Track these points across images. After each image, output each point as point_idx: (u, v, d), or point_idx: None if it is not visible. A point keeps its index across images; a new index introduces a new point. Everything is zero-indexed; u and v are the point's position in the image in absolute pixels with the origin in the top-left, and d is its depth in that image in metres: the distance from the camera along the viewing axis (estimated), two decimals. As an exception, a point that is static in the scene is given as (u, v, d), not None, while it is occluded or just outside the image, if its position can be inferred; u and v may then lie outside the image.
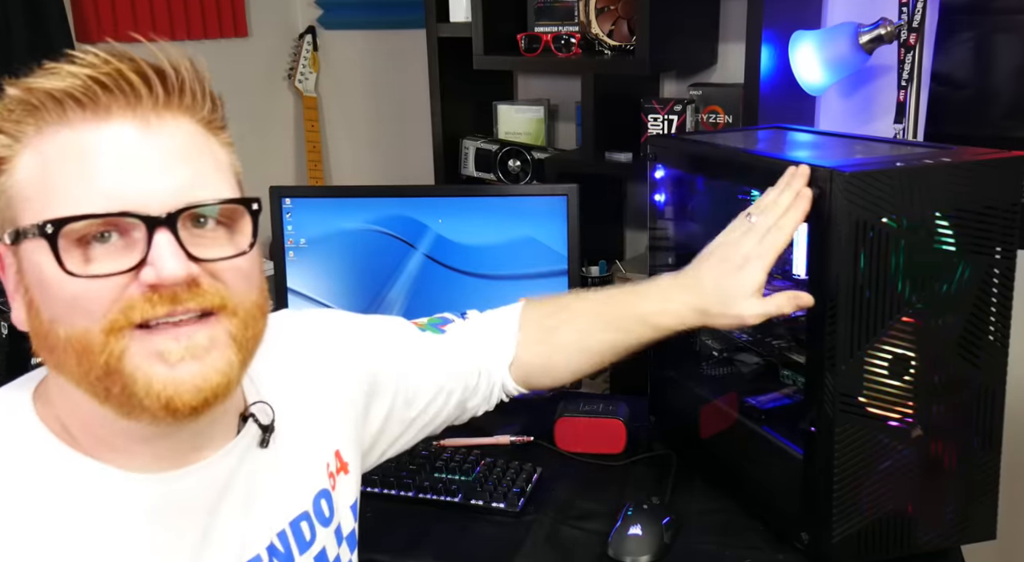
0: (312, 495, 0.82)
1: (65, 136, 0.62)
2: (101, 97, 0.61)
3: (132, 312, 0.61)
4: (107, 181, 0.61)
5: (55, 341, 0.62)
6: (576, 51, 1.89)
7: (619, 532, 1.07)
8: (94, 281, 0.61)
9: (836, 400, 0.95)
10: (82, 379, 0.63)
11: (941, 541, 1.02)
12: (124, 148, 0.62)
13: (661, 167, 1.29)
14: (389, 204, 1.45)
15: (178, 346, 0.62)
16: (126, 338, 0.61)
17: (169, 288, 0.61)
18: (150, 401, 0.62)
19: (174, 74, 0.64)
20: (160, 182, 0.62)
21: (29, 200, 0.62)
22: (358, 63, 2.63)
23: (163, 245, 0.61)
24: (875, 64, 1.76)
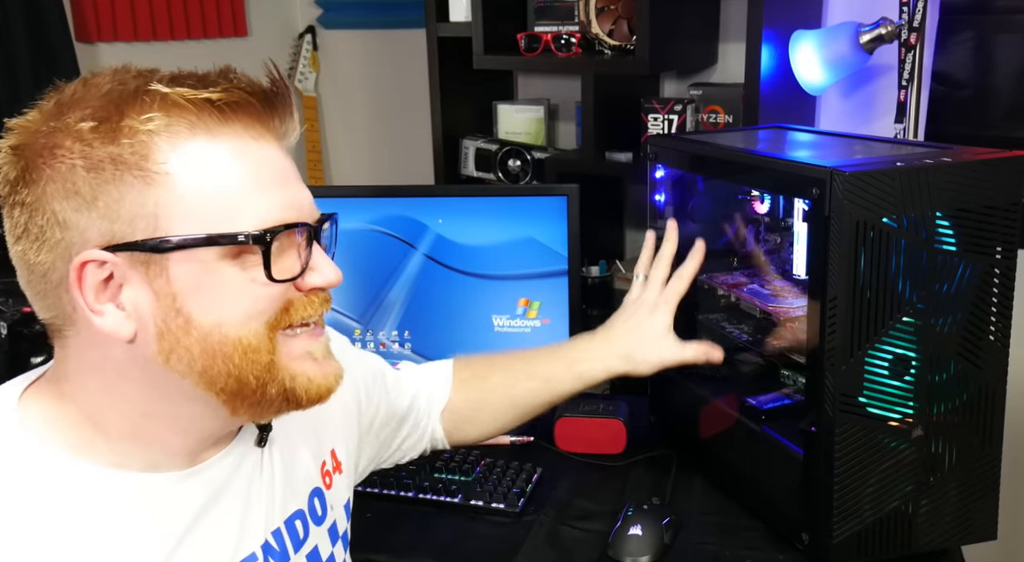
0: (307, 493, 0.82)
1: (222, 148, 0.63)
2: (259, 113, 0.65)
3: (293, 313, 0.67)
4: (288, 192, 0.67)
5: (216, 344, 0.64)
6: (576, 51, 1.89)
7: (619, 532, 1.07)
8: (279, 285, 0.65)
9: (836, 400, 0.95)
10: (229, 379, 0.65)
11: (942, 541, 1.02)
12: (279, 161, 0.67)
13: (661, 167, 1.29)
14: (389, 204, 1.45)
15: (320, 346, 0.70)
16: (279, 337, 0.66)
17: (327, 291, 0.69)
18: (308, 395, 0.68)
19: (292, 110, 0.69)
20: (307, 196, 0.69)
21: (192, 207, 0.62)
22: (358, 63, 2.62)
23: (320, 252, 0.68)
24: (875, 64, 1.76)
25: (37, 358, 1.42)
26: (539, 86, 2.30)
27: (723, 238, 1.36)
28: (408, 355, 1.47)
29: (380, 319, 1.47)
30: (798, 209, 1.16)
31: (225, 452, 0.73)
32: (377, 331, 1.47)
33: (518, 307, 1.43)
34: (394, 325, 1.47)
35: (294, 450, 0.82)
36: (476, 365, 1.12)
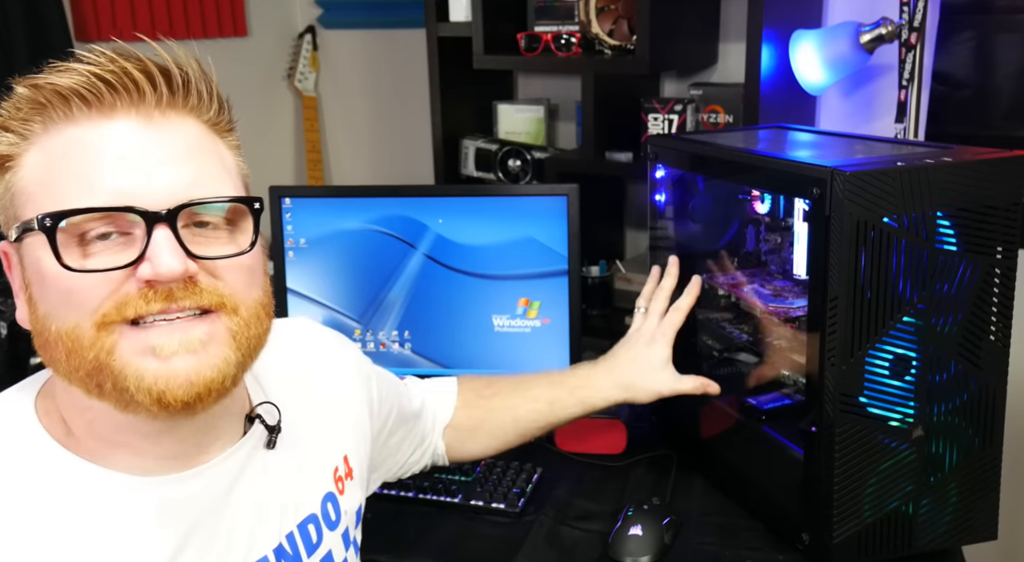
0: (320, 498, 0.81)
1: (70, 133, 0.62)
2: (106, 95, 0.62)
3: (125, 308, 0.61)
4: (108, 177, 0.61)
5: (48, 336, 0.63)
6: (576, 51, 1.89)
7: (619, 532, 1.07)
8: (90, 276, 0.61)
9: (837, 400, 0.95)
10: (72, 375, 0.63)
11: (942, 541, 1.01)
12: (127, 145, 0.62)
13: (661, 167, 1.29)
14: (389, 204, 1.45)
15: (171, 340, 0.62)
16: (116, 334, 0.62)
17: (165, 284, 0.61)
18: (141, 396, 0.62)
19: (179, 74, 0.65)
20: (161, 179, 0.62)
21: (32, 196, 0.63)
22: (358, 63, 2.62)
23: (161, 241, 0.61)
24: (876, 63, 1.76)
25: (36, 358, 1.42)
26: (539, 86, 2.30)
27: (723, 238, 1.36)
28: (408, 355, 1.46)
29: (380, 319, 1.47)
30: (798, 209, 1.16)
31: (231, 453, 0.72)
32: (377, 331, 1.47)
33: (518, 307, 1.43)
34: (394, 325, 1.47)
35: (307, 454, 0.81)
36: (480, 384, 1.13)
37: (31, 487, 0.64)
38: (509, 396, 1.11)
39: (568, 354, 1.42)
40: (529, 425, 1.11)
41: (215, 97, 0.68)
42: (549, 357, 1.42)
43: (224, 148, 0.69)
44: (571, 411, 1.11)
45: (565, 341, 1.42)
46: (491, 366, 1.44)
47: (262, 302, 0.68)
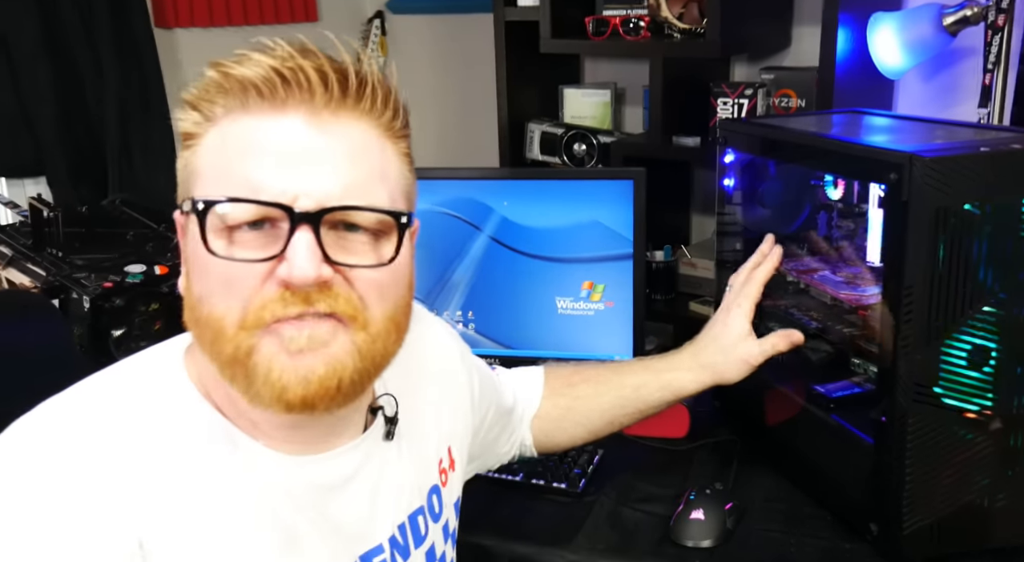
0: (427, 490, 0.83)
1: (244, 123, 0.63)
2: (279, 89, 0.62)
3: (265, 312, 0.62)
4: (264, 171, 0.62)
5: (198, 315, 0.64)
6: (645, 34, 1.87)
7: (681, 516, 1.06)
8: (235, 266, 0.62)
9: (910, 390, 0.92)
10: (214, 358, 0.64)
11: (1020, 537, 0.99)
12: (291, 141, 0.62)
13: (731, 151, 1.27)
14: (455, 186, 1.46)
15: (300, 335, 0.62)
16: (256, 337, 0.62)
17: (300, 288, 0.61)
18: (266, 389, 0.62)
19: (356, 75, 0.64)
20: (317, 180, 0.62)
21: (202, 176, 0.65)
22: (426, 47, 2.64)
23: (301, 242, 0.61)
24: (958, 46, 1.70)
25: (117, 331, 1.48)
26: (606, 70, 2.28)
27: (794, 224, 1.34)
28: (472, 335, 1.48)
29: (445, 299, 1.49)
30: (873, 195, 1.13)
31: (356, 444, 0.74)
32: (441, 311, 1.49)
33: (582, 290, 1.43)
34: (458, 305, 1.48)
35: (419, 447, 0.83)
36: (566, 373, 1.11)
37: (174, 429, 0.65)
38: (595, 383, 1.09)
39: (631, 338, 1.41)
40: (616, 412, 1.09)
41: (391, 102, 0.67)
42: (612, 340, 1.42)
43: (392, 154, 0.68)
44: (658, 395, 1.09)
45: (628, 325, 1.41)
46: (554, 348, 1.45)
47: (395, 318, 0.67)
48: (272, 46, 0.63)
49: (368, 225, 0.64)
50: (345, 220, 0.64)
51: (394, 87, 0.67)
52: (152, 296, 1.48)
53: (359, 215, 0.64)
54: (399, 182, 0.68)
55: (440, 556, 0.84)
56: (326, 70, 0.63)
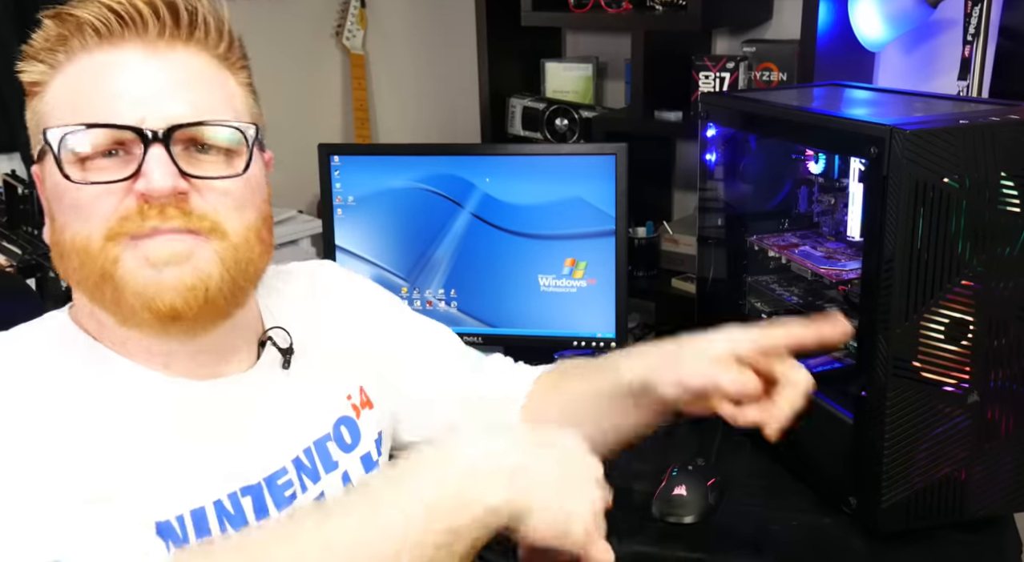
0: (333, 420, 0.84)
1: (84, 62, 0.67)
2: (114, 26, 0.66)
3: (127, 222, 0.65)
4: (112, 101, 0.66)
5: (64, 247, 0.68)
6: (626, 7, 1.85)
7: (664, 492, 1.07)
8: (93, 188, 0.65)
9: (889, 364, 0.93)
10: (82, 283, 0.68)
11: (995, 508, 1.00)
12: (130, 72, 0.67)
13: (713, 126, 1.27)
14: (436, 163, 1.45)
15: (163, 251, 0.66)
16: (120, 246, 0.66)
17: (157, 199, 0.65)
18: (136, 300, 0.66)
19: (186, 8, 0.68)
20: (162, 105, 0.66)
21: (52, 118, 0.68)
22: (406, 20, 2.61)
23: (155, 158, 0.65)
24: (939, 18, 1.69)
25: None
26: (588, 43, 2.26)
27: (775, 199, 1.34)
28: (454, 314, 1.47)
29: (427, 277, 1.48)
30: (854, 169, 1.13)
31: (248, 372, 0.76)
32: (424, 289, 1.48)
33: (564, 267, 1.43)
34: (440, 283, 1.47)
35: (320, 379, 0.84)
36: (566, 366, 1.00)
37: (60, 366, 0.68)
38: (576, 381, 0.94)
39: (614, 315, 1.41)
40: (589, 415, 0.89)
41: (225, 33, 0.71)
42: (594, 318, 1.42)
43: (234, 84, 0.72)
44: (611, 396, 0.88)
45: (611, 302, 1.41)
46: (536, 325, 1.44)
47: (254, 227, 0.71)
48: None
49: (219, 143, 0.69)
50: (195, 138, 0.68)
51: (227, 18, 0.71)
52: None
53: (208, 132, 0.68)
54: (245, 108, 0.73)
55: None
56: (157, 4, 0.67)
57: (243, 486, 0.72)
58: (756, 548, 1.00)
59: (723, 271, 1.33)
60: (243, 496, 0.72)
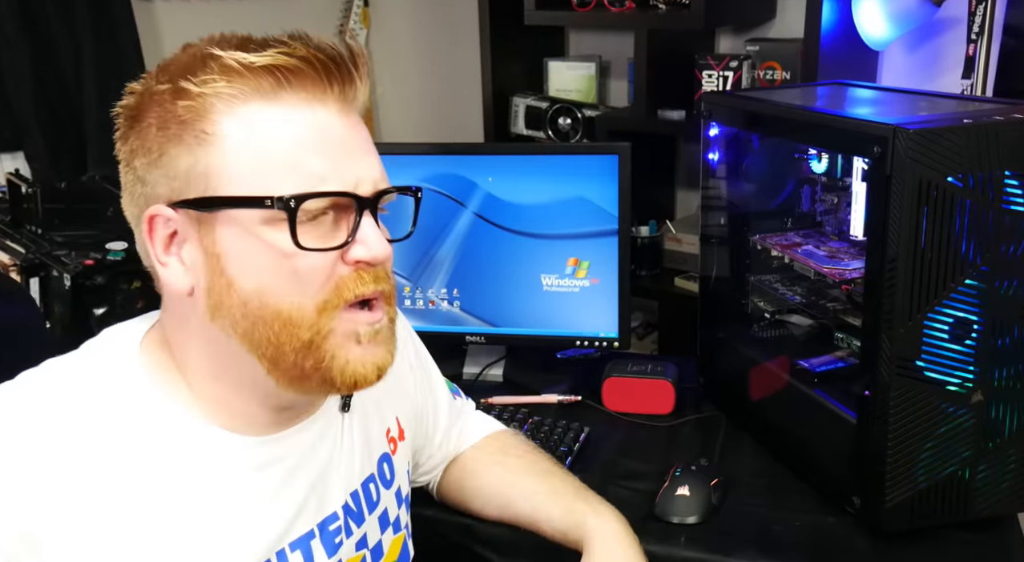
0: (377, 458, 0.84)
1: (274, 113, 0.63)
2: (320, 77, 0.64)
3: (344, 291, 0.65)
4: (326, 162, 0.63)
5: (256, 310, 0.64)
6: (630, 6, 1.85)
7: (666, 492, 1.07)
8: (313, 256, 0.63)
9: (893, 364, 0.93)
10: (269, 347, 0.65)
11: (998, 508, 1.00)
12: (335, 131, 0.65)
13: (716, 125, 1.26)
14: (439, 162, 1.44)
15: (370, 329, 0.67)
16: (335, 320, 0.65)
17: (376, 266, 0.66)
18: (343, 378, 0.66)
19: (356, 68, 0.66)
20: (367, 167, 0.66)
21: (238, 172, 0.63)
22: (409, 19, 2.61)
23: (370, 225, 0.65)
24: (943, 17, 1.69)
25: (99, 309, 1.46)
26: (591, 42, 2.26)
27: (777, 198, 1.33)
28: (457, 313, 1.47)
29: (429, 277, 1.48)
30: (857, 168, 1.13)
31: (311, 421, 0.75)
32: (426, 289, 1.48)
33: (567, 266, 1.42)
34: (443, 283, 1.47)
35: (368, 417, 0.84)
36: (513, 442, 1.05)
37: (133, 439, 0.65)
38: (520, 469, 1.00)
39: (616, 314, 1.41)
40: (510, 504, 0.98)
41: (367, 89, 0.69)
42: (597, 317, 1.42)
43: None
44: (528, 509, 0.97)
45: (614, 301, 1.41)
46: (539, 325, 1.44)
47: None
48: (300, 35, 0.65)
49: (387, 207, 0.69)
50: (385, 203, 0.68)
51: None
52: (134, 274, 1.47)
53: (391, 197, 0.69)
54: None
55: (394, 520, 0.86)
56: (346, 61, 0.65)
57: (298, 536, 0.73)
58: (759, 548, 1.00)
59: (726, 270, 1.33)
60: (292, 551, 0.72)
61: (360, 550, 0.79)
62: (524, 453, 1.03)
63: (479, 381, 1.46)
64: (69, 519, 0.61)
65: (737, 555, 1.00)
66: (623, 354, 1.43)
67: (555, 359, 1.51)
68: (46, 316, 1.52)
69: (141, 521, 0.63)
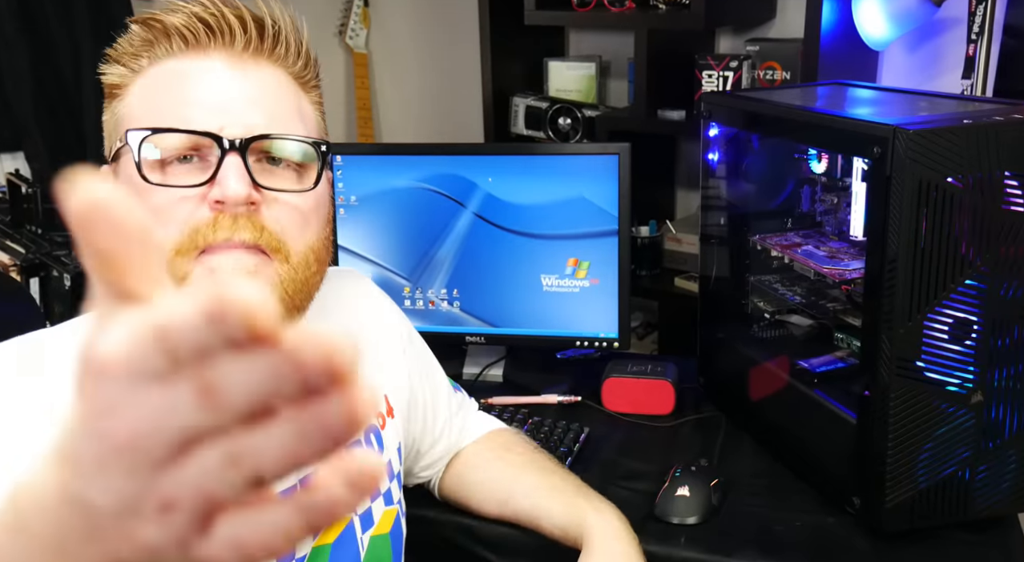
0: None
1: (169, 67, 0.69)
2: (202, 35, 0.68)
3: (197, 236, 0.66)
4: (194, 108, 0.67)
5: None
6: (630, 6, 1.85)
7: (666, 493, 1.07)
8: (168, 193, 0.66)
9: (893, 364, 0.93)
10: None
11: (999, 508, 1.00)
12: (214, 81, 0.68)
13: (715, 125, 1.26)
14: (439, 162, 1.44)
15: (227, 262, 0.67)
16: (189, 261, 0.66)
17: (231, 207, 0.66)
18: None
19: (272, 25, 0.70)
20: (240, 115, 0.68)
21: (131, 120, 0.69)
22: (409, 19, 2.61)
23: (231, 166, 0.66)
24: (943, 17, 1.69)
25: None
26: (591, 42, 2.26)
27: (777, 198, 1.33)
28: (456, 314, 1.47)
29: (429, 277, 1.48)
30: (857, 168, 1.13)
31: None
32: (426, 289, 1.48)
33: (567, 267, 1.42)
34: (443, 283, 1.47)
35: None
36: (516, 440, 1.05)
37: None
38: (521, 466, 1.01)
39: (616, 314, 1.41)
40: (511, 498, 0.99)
41: (303, 52, 0.73)
42: (597, 317, 1.42)
43: (306, 101, 0.74)
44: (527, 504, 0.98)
45: (614, 301, 1.41)
46: (539, 325, 1.44)
47: (315, 249, 0.72)
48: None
49: (291, 157, 0.70)
50: (269, 151, 0.69)
51: (306, 39, 0.74)
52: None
53: (282, 145, 0.69)
54: (316, 125, 0.75)
55: (385, 492, 0.86)
56: (245, 18, 0.69)
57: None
58: (759, 548, 1.00)
59: (726, 270, 1.33)
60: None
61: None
62: (526, 451, 1.03)
63: (479, 381, 1.46)
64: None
65: (737, 555, 1.00)
66: (623, 354, 1.43)
67: (555, 359, 1.51)
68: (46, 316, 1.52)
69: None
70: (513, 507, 0.99)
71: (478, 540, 1.05)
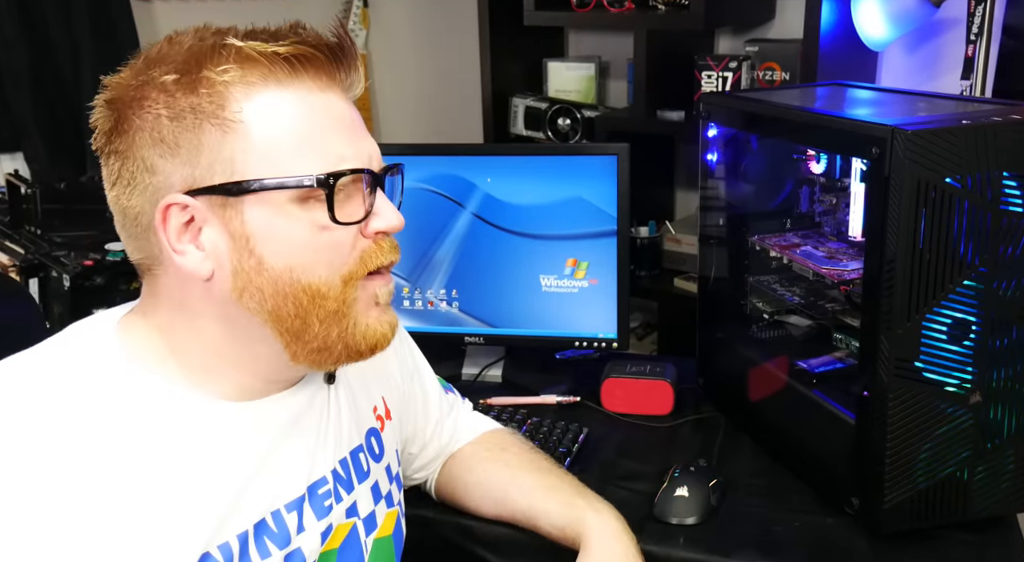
0: (365, 431, 0.86)
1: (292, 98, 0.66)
2: (328, 65, 0.68)
3: (368, 261, 0.70)
4: (342, 141, 0.68)
5: (286, 286, 0.67)
6: (629, 6, 1.85)
7: (665, 493, 1.07)
8: (343, 230, 0.68)
9: (891, 364, 0.93)
10: (296, 320, 0.68)
11: (998, 508, 1.00)
12: (347, 115, 0.70)
13: (714, 125, 1.26)
14: (438, 163, 1.44)
15: (386, 291, 0.72)
16: (357, 289, 0.70)
17: (393, 238, 0.72)
18: (366, 341, 0.71)
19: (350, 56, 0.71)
20: (372, 146, 0.72)
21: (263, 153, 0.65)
22: (408, 20, 2.61)
23: (384, 198, 0.71)
24: (942, 17, 1.69)
25: (99, 309, 1.46)
26: (590, 43, 2.26)
27: (776, 199, 1.33)
28: (455, 314, 1.47)
29: (428, 277, 1.48)
30: (855, 169, 1.13)
31: (297, 388, 0.77)
32: (425, 289, 1.48)
33: (566, 267, 1.43)
34: (442, 283, 1.47)
35: (353, 392, 0.86)
36: (512, 440, 1.06)
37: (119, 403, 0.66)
38: (517, 465, 1.01)
39: (615, 315, 1.41)
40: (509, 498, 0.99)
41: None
42: (596, 318, 1.42)
43: None
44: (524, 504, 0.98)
45: (613, 302, 1.41)
46: (538, 326, 1.44)
47: None
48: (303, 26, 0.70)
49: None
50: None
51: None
52: (133, 274, 1.46)
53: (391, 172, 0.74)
54: None
55: (387, 494, 0.87)
56: (348, 50, 0.70)
57: (289, 500, 0.74)
58: (759, 549, 1.00)
59: (725, 271, 1.33)
60: (288, 512, 0.74)
61: (351, 517, 0.81)
62: (522, 451, 1.04)
63: (478, 382, 1.47)
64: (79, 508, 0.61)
65: (736, 556, 1.00)
66: (622, 355, 1.43)
67: (554, 360, 1.51)
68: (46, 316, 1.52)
69: (138, 490, 0.64)
70: (510, 507, 0.99)
71: (476, 540, 1.05)
